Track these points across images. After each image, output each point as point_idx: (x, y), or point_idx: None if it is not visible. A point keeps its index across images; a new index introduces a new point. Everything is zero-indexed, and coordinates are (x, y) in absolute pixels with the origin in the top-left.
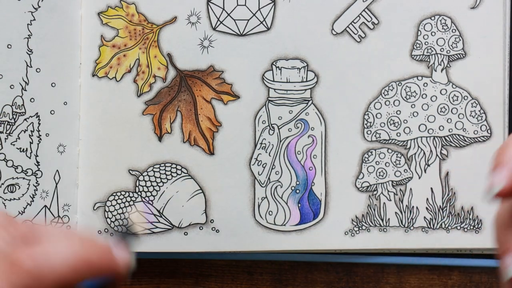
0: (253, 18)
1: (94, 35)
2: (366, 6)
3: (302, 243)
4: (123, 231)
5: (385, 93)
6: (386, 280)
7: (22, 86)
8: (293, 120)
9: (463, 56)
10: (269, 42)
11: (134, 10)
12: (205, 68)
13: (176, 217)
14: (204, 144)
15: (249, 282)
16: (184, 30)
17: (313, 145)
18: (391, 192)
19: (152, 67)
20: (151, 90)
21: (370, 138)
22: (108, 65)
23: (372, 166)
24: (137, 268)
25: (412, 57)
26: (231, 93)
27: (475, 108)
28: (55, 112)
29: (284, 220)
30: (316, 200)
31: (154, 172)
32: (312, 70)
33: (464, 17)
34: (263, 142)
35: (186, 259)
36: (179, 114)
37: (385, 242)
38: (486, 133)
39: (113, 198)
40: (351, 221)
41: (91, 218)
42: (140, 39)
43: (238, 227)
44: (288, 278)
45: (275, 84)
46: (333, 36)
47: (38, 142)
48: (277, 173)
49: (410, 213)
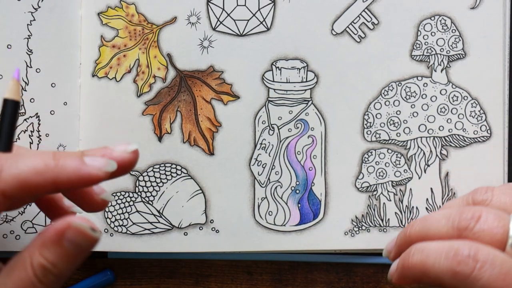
0: (253, 18)
1: (94, 35)
2: (366, 6)
3: (302, 243)
4: None
5: (385, 93)
6: (386, 280)
7: (22, 87)
8: (293, 120)
9: (463, 56)
10: (269, 42)
11: (134, 11)
12: (205, 68)
13: (176, 217)
14: (204, 144)
15: (249, 282)
16: (184, 30)
17: (313, 145)
18: (391, 192)
19: (152, 67)
20: (151, 90)
21: (370, 138)
22: (108, 65)
23: (372, 166)
24: (137, 268)
25: (412, 57)
26: (231, 93)
27: (475, 108)
28: (55, 112)
29: (284, 220)
30: (316, 200)
31: (154, 172)
32: (312, 70)
33: (464, 17)
34: (263, 142)
35: (186, 259)
36: (179, 114)
37: (385, 242)
38: (486, 133)
39: (113, 198)
40: (351, 221)
41: (91, 218)
42: (140, 39)
43: (238, 227)
44: (288, 278)
45: (275, 84)
46: (333, 36)
47: (38, 143)
48: (277, 173)
49: (410, 213)
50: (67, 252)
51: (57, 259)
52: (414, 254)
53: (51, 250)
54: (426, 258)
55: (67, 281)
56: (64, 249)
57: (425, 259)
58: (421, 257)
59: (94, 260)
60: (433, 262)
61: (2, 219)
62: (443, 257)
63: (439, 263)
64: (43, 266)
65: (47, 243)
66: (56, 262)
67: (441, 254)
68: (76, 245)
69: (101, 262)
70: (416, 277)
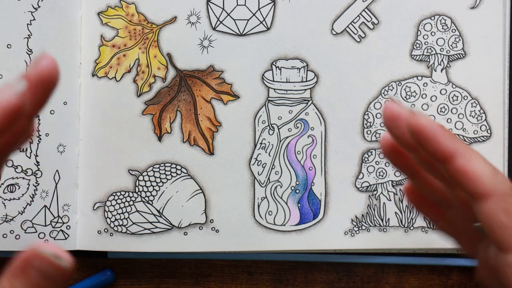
0: (253, 18)
1: (94, 35)
2: (366, 6)
3: (302, 243)
4: None
5: (385, 93)
6: (386, 280)
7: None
8: (293, 120)
9: (463, 56)
10: (269, 42)
11: (134, 10)
12: (205, 68)
13: (176, 217)
14: (204, 144)
15: (249, 282)
16: (184, 30)
17: (313, 145)
18: (391, 192)
19: (152, 67)
20: (151, 90)
21: (370, 138)
22: (108, 65)
23: (372, 166)
24: (137, 268)
25: (412, 57)
26: (231, 93)
27: (475, 108)
28: (55, 112)
29: (284, 220)
30: (316, 200)
31: (154, 172)
32: (312, 70)
33: (464, 17)
34: (263, 142)
35: (186, 259)
36: (178, 114)
37: (385, 242)
38: (486, 133)
39: (113, 198)
40: (351, 221)
41: (91, 218)
42: (140, 39)
43: (238, 227)
44: (288, 278)
45: (275, 84)
46: (333, 36)
47: (38, 142)
48: (277, 173)
49: (410, 213)
50: (33, 281)
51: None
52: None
53: (19, 279)
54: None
55: (67, 281)
56: (30, 278)
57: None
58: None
59: (94, 260)
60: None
61: (2, 219)
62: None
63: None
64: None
65: (16, 271)
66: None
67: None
68: (41, 274)
69: (101, 262)
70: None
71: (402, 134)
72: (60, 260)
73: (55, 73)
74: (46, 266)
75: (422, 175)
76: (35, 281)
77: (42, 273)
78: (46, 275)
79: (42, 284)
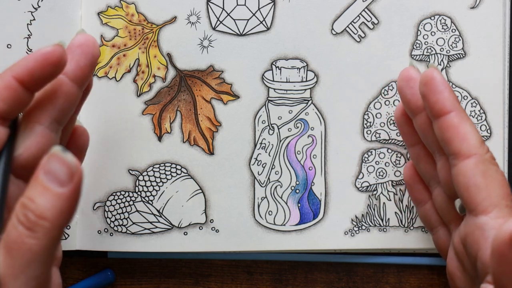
0: (253, 18)
1: (94, 35)
2: (366, 6)
3: (302, 243)
4: None
5: (385, 93)
6: (386, 280)
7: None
8: (293, 120)
9: (463, 56)
10: (269, 42)
11: (134, 10)
12: (204, 68)
13: (176, 217)
14: (204, 144)
15: (249, 282)
16: (184, 30)
17: (313, 145)
18: (391, 192)
19: (152, 67)
20: (151, 90)
21: (370, 138)
22: (108, 65)
23: (372, 166)
24: (137, 268)
25: (412, 57)
26: (230, 93)
27: (475, 108)
28: None
29: (284, 220)
30: (316, 200)
31: (154, 172)
32: (312, 70)
33: (464, 17)
34: (263, 142)
35: (186, 259)
36: (178, 114)
37: (385, 242)
38: (486, 133)
39: (113, 198)
40: (351, 221)
41: (91, 218)
42: (140, 39)
43: (238, 227)
44: (288, 278)
45: (274, 84)
46: (333, 36)
47: None
48: (277, 173)
49: (410, 213)
50: (43, 184)
51: (35, 194)
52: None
53: (30, 186)
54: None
55: (67, 281)
56: (40, 181)
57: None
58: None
59: (94, 260)
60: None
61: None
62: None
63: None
64: (22, 204)
65: (30, 183)
66: (34, 196)
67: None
68: (51, 174)
69: (101, 262)
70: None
71: (412, 94)
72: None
73: (91, 41)
74: (58, 166)
75: (418, 146)
76: (46, 184)
77: (53, 173)
78: (57, 176)
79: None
